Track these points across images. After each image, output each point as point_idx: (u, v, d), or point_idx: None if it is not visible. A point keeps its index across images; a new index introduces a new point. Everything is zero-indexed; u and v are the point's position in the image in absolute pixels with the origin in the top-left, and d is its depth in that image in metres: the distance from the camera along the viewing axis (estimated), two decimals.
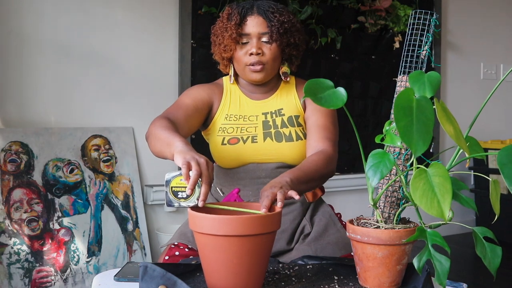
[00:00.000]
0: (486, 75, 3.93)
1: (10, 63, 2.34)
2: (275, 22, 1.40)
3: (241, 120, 1.45)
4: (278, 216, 0.98)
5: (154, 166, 2.66)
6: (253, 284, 0.96)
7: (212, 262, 0.94)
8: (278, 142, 1.41)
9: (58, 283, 2.22)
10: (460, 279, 2.64)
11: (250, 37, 1.40)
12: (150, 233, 2.57)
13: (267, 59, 1.41)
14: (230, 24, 1.40)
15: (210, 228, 0.92)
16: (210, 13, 2.68)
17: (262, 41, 1.40)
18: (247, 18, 1.41)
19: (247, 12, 1.42)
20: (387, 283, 0.98)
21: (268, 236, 0.96)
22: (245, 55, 1.41)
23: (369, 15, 3.20)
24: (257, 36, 1.40)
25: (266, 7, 1.42)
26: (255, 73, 1.42)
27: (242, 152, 1.40)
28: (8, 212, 2.19)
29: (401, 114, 0.80)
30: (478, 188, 3.69)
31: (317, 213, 1.45)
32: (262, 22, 1.40)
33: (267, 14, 1.41)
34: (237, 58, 1.42)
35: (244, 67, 1.42)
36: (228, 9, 1.44)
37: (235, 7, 1.44)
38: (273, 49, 1.41)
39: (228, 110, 1.47)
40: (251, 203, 1.09)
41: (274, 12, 1.41)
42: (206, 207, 1.01)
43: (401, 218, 1.04)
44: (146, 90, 2.64)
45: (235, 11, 1.41)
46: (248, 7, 1.43)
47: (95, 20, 2.51)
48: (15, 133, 2.29)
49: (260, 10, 1.42)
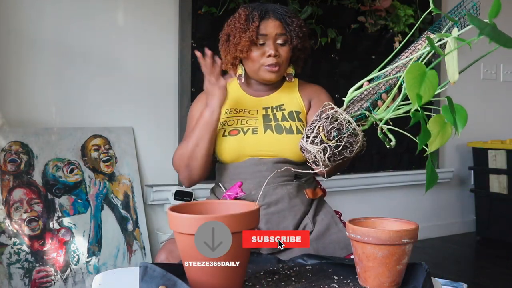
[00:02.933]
0: (486, 75, 3.93)
1: (10, 63, 2.34)
2: (294, 26, 1.46)
3: (241, 113, 1.48)
4: (257, 213, 0.99)
5: (154, 166, 2.66)
6: (237, 280, 0.97)
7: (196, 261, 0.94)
8: (278, 134, 1.43)
9: (58, 283, 2.22)
10: (460, 279, 2.64)
11: (266, 38, 1.45)
12: (150, 233, 2.57)
13: (283, 60, 1.47)
14: (251, 25, 1.43)
15: (195, 229, 0.92)
16: (210, 13, 2.68)
17: (277, 43, 1.45)
18: (264, 20, 1.45)
19: (264, 15, 1.46)
20: (387, 283, 0.98)
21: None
22: (262, 56, 1.45)
23: (369, 15, 3.20)
24: (274, 38, 1.45)
25: (283, 11, 1.48)
26: (270, 73, 1.46)
27: (243, 144, 1.42)
28: (8, 212, 2.19)
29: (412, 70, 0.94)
30: (478, 188, 3.69)
31: (319, 213, 1.46)
32: (279, 25, 1.45)
33: (285, 18, 1.46)
34: (253, 58, 1.46)
35: (259, 67, 1.46)
36: (245, 10, 1.48)
37: (253, 9, 1.47)
38: (287, 51, 1.47)
39: (228, 105, 1.49)
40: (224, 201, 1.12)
41: (291, 17, 1.47)
42: (185, 206, 1.04)
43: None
44: (146, 90, 2.64)
45: (255, 13, 1.45)
46: (265, 10, 1.47)
47: (95, 20, 2.51)
48: (15, 133, 2.29)
49: (276, 14, 1.47)
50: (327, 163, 1.07)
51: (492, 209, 3.59)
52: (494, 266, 3.03)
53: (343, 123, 1.08)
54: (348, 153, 1.09)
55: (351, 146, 1.09)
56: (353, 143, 1.09)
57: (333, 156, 1.08)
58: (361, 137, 1.10)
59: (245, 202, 1.08)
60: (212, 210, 1.08)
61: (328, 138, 1.06)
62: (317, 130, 1.07)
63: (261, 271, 1.12)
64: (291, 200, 1.41)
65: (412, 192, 3.60)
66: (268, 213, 1.38)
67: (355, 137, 1.09)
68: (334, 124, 1.07)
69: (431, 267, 0.92)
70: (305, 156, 1.13)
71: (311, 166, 1.14)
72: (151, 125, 2.66)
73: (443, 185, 3.76)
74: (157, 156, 2.67)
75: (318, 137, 1.07)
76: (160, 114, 2.68)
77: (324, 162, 1.07)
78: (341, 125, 1.08)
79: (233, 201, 1.13)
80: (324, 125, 1.07)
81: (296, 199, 1.42)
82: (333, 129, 1.07)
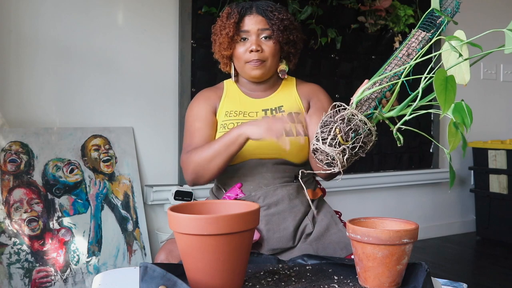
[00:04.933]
0: (486, 75, 3.93)
1: (10, 63, 2.34)
2: (275, 20, 1.44)
3: (241, 115, 1.47)
4: (257, 213, 0.99)
5: (154, 166, 2.67)
6: (237, 280, 0.97)
7: (197, 261, 0.94)
8: None
9: (58, 283, 2.22)
10: (460, 279, 2.65)
11: (249, 34, 1.44)
12: (150, 233, 2.58)
13: (267, 55, 1.45)
14: (229, 22, 1.44)
15: (195, 229, 0.92)
16: (210, 13, 2.68)
17: (261, 38, 1.44)
18: (246, 16, 1.45)
19: (246, 12, 1.46)
20: (387, 283, 0.98)
21: (250, 232, 0.98)
22: (245, 53, 1.44)
23: (369, 15, 3.20)
24: (256, 33, 1.44)
25: (265, 6, 1.47)
26: (254, 70, 1.45)
27: (243, 147, 1.41)
28: (8, 212, 2.20)
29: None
30: (478, 188, 3.69)
31: (319, 213, 1.46)
32: (262, 20, 1.45)
33: (266, 12, 1.45)
34: (237, 56, 1.46)
35: (244, 64, 1.46)
36: (227, 9, 1.49)
37: (234, 7, 1.48)
38: (272, 45, 1.45)
39: (228, 106, 1.49)
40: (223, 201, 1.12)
41: (273, 11, 1.46)
42: (185, 206, 1.04)
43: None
44: (146, 90, 2.64)
45: (235, 10, 1.46)
46: (248, 6, 1.47)
47: (95, 20, 2.51)
48: (15, 133, 2.29)
49: (259, 9, 1.46)
50: (344, 164, 1.08)
51: (492, 209, 3.59)
52: (494, 266, 3.04)
53: (359, 124, 1.08)
54: (362, 152, 1.10)
55: (365, 146, 1.09)
56: (367, 143, 1.09)
57: (350, 157, 1.08)
58: (374, 136, 1.10)
59: (245, 202, 1.08)
60: (212, 210, 1.08)
61: (345, 140, 1.07)
62: (334, 132, 1.07)
63: (261, 271, 1.12)
64: (291, 201, 1.41)
65: (412, 192, 3.61)
66: (268, 214, 1.38)
67: (370, 136, 1.09)
68: (350, 125, 1.07)
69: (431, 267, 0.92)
70: (317, 158, 1.12)
71: (322, 167, 1.12)
72: (151, 125, 2.66)
73: (443, 185, 3.76)
74: (157, 156, 2.67)
75: (336, 139, 1.07)
76: (160, 114, 2.68)
77: (343, 163, 1.07)
78: (357, 126, 1.08)
79: (233, 201, 1.13)
80: (341, 126, 1.07)
81: (296, 200, 1.42)
82: (350, 131, 1.07)
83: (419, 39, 1.21)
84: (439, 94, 0.92)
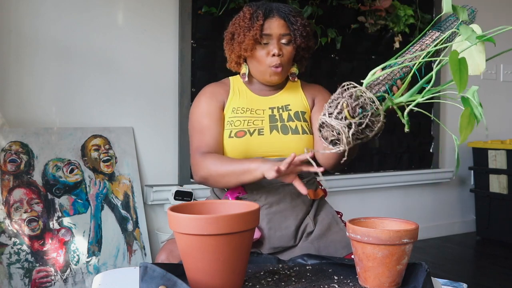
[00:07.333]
0: (486, 75, 3.93)
1: (10, 63, 2.34)
2: (298, 25, 1.44)
3: (248, 112, 1.46)
4: (258, 213, 0.99)
5: (154, 166, 2.67)
6: (237, 280, 0.97)
7: (197, 261, 0.95)
8: (284, 134, 1.42)
9: (58, 283, 2.22)
10: (460, 279, 2.65)
11: (271, 38, 1.43)
12: (150, 233, 2.58)
13: (285, 60, 1.45)
14: (255, 24, 1.42)
15: (195, 229, 0.92)
16: (210, 13, 2.68)
17: (281, 42, 1.44)
18: (268, 19, 1.43)
19: (268, 14, 1.44)
20: (387, 283, 0.98)
21: (250, 232, 0.98)
22: (267, 56, 1.43)
23: (369, 15, 3.20)
24: (278, 38, 1.43)
25: (287, 10, 1.46)
26: (274, 75, 1.45)
27: (249, 145, 1.41)
28: (8, 212, 2.19)
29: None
30: (478, 188, 3.69)
31: (320, 213, 1.46)
32: (284, 24, 1.44)
33: (289, 17, 1.44)
34: (259, 58, 1.44)
35: (266, 68, 1.45)
36: (249, 8, 1.47)
37: (256, 7, 1.46)
38: (291, 50, 1.45)
39: (235, 103, 1.48)
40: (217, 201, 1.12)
41: (295, 16, 1.45)
42: (185, 206, 1.05)
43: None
44: (146, 90, 2.64)
45: (259, 12, 1.44)
46: (269, 9, 1.45)
47: (95, 20, 2.51)
48: (15, 133, 2.29)
49: (281, 13, 1.45)
50: (350, 140, 1.06)
51: (492, 209, 3.59)
52: (494, 266, 3.03)
53: (366, 101, 1.07)
54: (369, 132, 1.08)
55: (372, 125, 1.08)
56: (374, 122, 1.08)
57: (356, 134, 1.07)
58: (382, 117, 1.09)
59: (245, 202, 1.08)
60: (212, 210, 1.08)
61: (352, 115, 1.06)
62: (341, 106, 1.06)
63: (261, 271, 1.12)
64: (293, 200, 1.41)
65: (412, 192, 3.61)
66: (270, 213, 1.39)
67: (377, 116, 1.08)
68: (358, 101, 1.06)
69: (431, 267, 0.92)
70: (323, 134, 1.11)
71: (327, 146, 1.11)
72: (151, 125, 2.66)
73: (443, 185, 3.76)
74: (157, 156, 2.67)
75: (342, 113, 1.06)
76: (160, 114, 2.68)
77: (348, 138, 1.06)
78: (365, 103, 1.07)
79: (233, 201, 1.13)
80: (349, 101, 1.06)
81: (297, 199, 1.42)
82: (358, 106, 1.06)
83: (433, 38, 1.21)
84: (454, 72, 0.93)
